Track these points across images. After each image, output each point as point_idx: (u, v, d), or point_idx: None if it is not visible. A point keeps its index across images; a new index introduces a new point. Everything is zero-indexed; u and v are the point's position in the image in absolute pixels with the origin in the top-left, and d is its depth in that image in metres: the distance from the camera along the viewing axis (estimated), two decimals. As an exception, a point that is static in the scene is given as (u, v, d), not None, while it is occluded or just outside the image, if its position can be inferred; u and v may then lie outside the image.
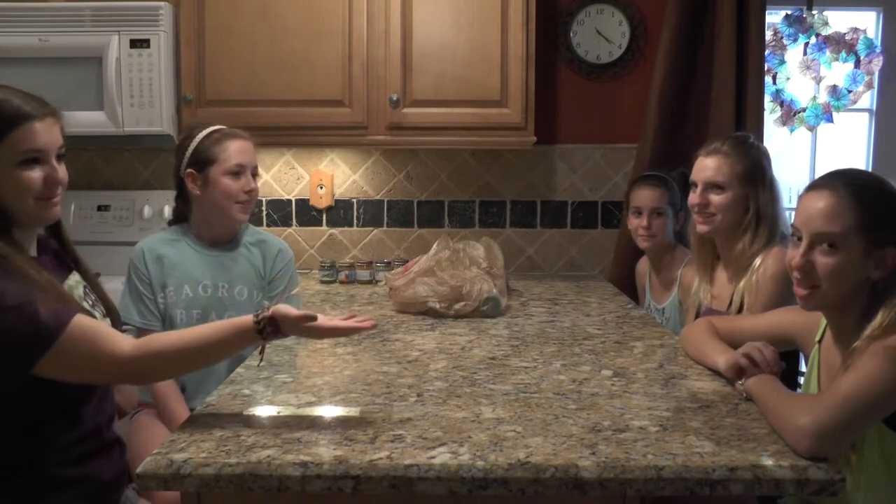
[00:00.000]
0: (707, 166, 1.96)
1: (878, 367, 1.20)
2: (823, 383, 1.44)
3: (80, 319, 1.24)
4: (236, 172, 2.00)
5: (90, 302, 1.45)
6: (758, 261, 1.89)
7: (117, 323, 1.51)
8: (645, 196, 2.42)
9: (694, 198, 1.98)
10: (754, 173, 1.94)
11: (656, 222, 2.39)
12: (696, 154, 2.03)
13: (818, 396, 1.20)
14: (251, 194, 2.03)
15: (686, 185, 2.11)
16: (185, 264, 2.01)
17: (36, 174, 1.30)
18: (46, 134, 1.31)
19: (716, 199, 1.94)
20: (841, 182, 1.35)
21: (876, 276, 1.31)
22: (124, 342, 1.26)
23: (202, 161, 1.98)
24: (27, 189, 1.29)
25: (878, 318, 1.27)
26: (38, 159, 1.30)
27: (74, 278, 1.46)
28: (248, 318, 1.31)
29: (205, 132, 2.03)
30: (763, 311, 1.79)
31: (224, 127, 2.06)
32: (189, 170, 1.99)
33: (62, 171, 1.35)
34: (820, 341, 1.49)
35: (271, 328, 1.31)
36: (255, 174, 2.06)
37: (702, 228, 1.98)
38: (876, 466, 1.30)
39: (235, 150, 2.00)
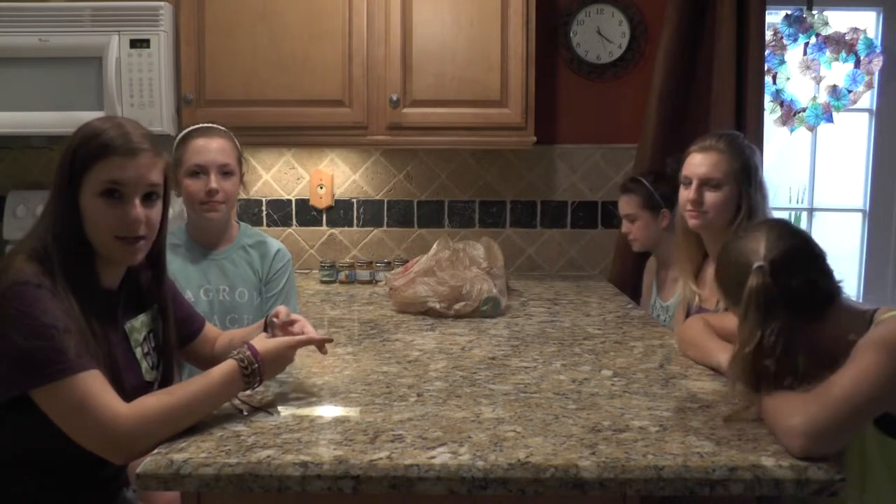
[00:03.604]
0: (701, 162, 1.94)
1: (871, 364, 1.19)
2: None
3: (93, 375, 1.19)
4: (195, 173, 1.95)
5: (145, 349, 1.42)
6: None
7: (167, 381, 1.45)
8: (620, 203, 2.55)
9: (687, 193, 1.96)
10: (748, 171, 1.93)
11: (633, 227, 2.49)
12: (689, 150, 2.01)
13: (811, 396, 1.19)
14: (213, 194, 1.94)
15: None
16: (186, 269, 2.01)
17: (116, 210, 1.28)
18: (131, 169, 1.28)
19: (710, 195, 1.93)
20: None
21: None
22: (122, 405, 1.20)
23: (174, 163, 1.97)
24: (102, 222, 1.28)
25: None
26: (119, 194, 1.28)
27: (142, 320, 1.44)
28: (233, 365, 1.29)
29: (183, 132, 2.02)
30: None
31: (204, 125, 2.02)
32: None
33: (149, 212, 1.31)
34: None
35: (256, 366, 1.30)
36: (228, 172, 1.97)
37: (693, 223, 1.97)
38: (881, 477, 1.30)
39: (195, 149, 1.95)
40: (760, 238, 1.35)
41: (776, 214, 2.10)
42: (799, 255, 1.35)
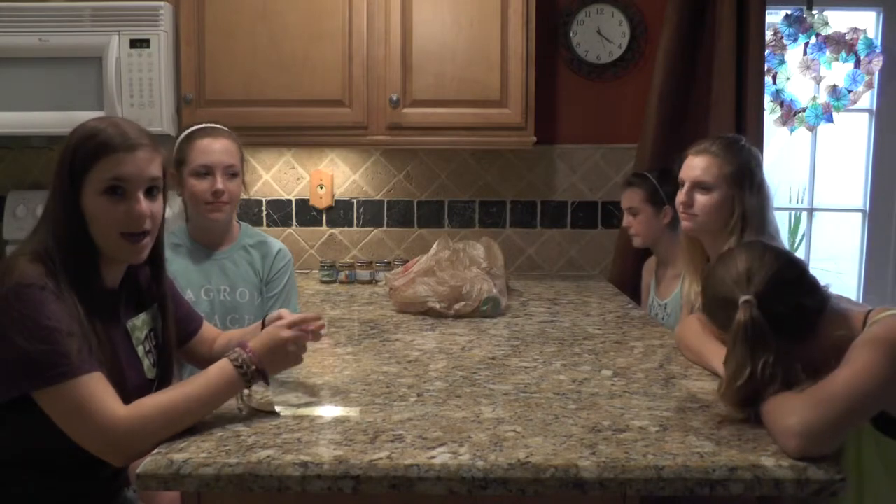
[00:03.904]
0: (695, 165, 1.95)
1: (866, 363, 1.19)
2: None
3: (95, 378, 1.20)
4: (201, 173, 1.94)
5: (146, 347, 1.43)
6: None
7: (167, 380, 1.46)
8: (624, 197, 2.54)
9: (680, 196, 1.97)
10: (742, 175, 1.91)
11: (634, 221, 2.48)
12: (686, 153, 2.02)
13: (807, 396, 1.19)
14: (219, 195, 1.94)
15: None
16: (187, 269, 2.00)
17: (120, 206, 1.29)
18: (132, 165, 1.29)
19: (701, 198, 1.93)
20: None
21: None
22: (121, 407, 1.20)
23: (177, 161, 1.97)
24: (107, 220, 1.28)
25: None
26: (122, 190, 1.29)
27: (143, 318, 1.44)
28: (229, 367, 1.29)
29: (187, 131, 2.02)
30: None
31: (207, 125, 2.02)
32: (171, 170, 1.93)
33: (152, 206, 1.32)
34: None
35: (253, 366, 1.30)
36: (233, 173, 1.98)
37: (685, 225, 1.98)
38: (878, 476, 1.30)
39: (201, 149, 1.95)
40: (742, 267, 1.35)
41: (778, 215, 2.09)
42: (783, 280, 1.34)
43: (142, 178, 1.31)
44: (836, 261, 3.14)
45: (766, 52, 2.82)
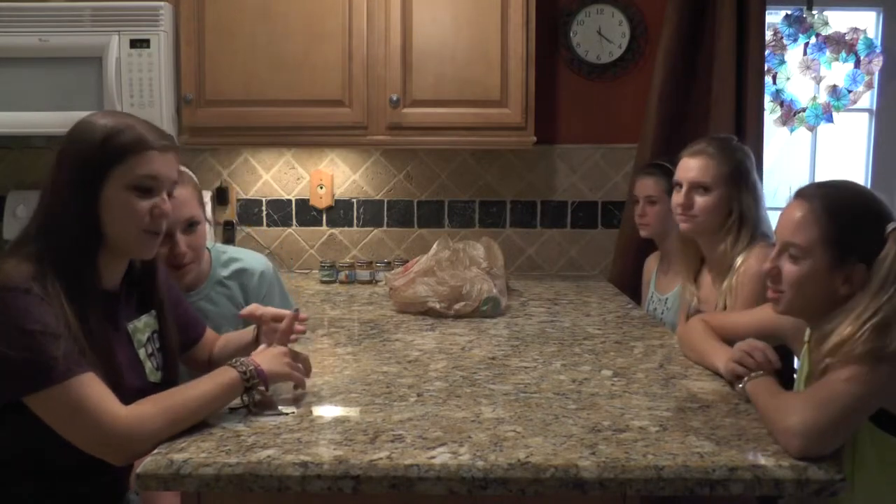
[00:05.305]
0: (692, 167, 1.96)
1: (866, 365, 1.20)
2: (810, 383, 1.44)
3: (87, 379, 1.18)
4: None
5: (149, 350, 1.42)
6: (739, 260, 1.88)
7: (171, 381, 1.43)
8: (639, 185, 2.49)
9: (678, 198, 1.98)
10: (738, 175, 1.93)
11: (650, 210, 2.44)
12: (681, 154, 2.02)
13: (808, 396, 1.19)
14: (182, 258, 1.72)
15: None
16: None
17: (145, 203, 1.28)
18: (164, 165, 1.30)
19: (700, 200, 1.93)
20: (818, 194, 1.36)
21: (844, 291, 1.30)
22: (120, 407, 1.20)
23: None
24: (133, 216, 1.28)
25: (839, 331, 1.25)
26: (150, 189, 1.29)
27: (145, 320, 1.43)
28: (233, 373, 1.29)
29: None
30: (742, 309, 1.78)
31: None
32: None
33: (169, 206, 1.33)
34: (809, 341, 1.49)
35: (256, 373, 1.31)
36: (193, 223, 1.73)
37: (683, 226, 1.99)
38: (872, 469, 1.30)
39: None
40: (870, 195, 1.34)
41: (776, 214, 2.09)
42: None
43: (169, 179, 1.32)
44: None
45: (766, 52, 2.82)
